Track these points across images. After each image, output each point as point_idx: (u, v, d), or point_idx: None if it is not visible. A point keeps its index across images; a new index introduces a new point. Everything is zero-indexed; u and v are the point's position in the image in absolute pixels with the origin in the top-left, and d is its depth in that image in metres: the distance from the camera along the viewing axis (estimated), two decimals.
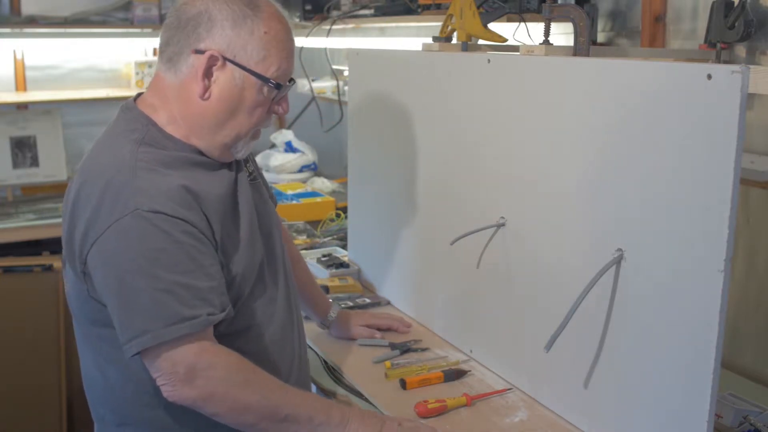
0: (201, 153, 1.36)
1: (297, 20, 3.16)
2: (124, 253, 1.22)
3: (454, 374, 1.65)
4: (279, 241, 1.52)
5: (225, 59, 1.31)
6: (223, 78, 1.32)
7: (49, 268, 3.02)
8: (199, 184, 1.30)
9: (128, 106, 1.39)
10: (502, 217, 1.62)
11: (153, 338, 1.21)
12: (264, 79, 1.33)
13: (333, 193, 3.22)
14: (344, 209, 2.64)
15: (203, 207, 1.28)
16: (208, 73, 1.31)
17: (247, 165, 1.49)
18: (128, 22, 3.71)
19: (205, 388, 1.24)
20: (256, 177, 1.51)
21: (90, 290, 1.29)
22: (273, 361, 1.41)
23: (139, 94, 1.42)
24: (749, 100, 1.40)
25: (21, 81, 3.67)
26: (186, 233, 1.24)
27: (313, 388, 1.68)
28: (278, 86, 1.34)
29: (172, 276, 1.22)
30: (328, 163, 3.61)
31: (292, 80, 1.40)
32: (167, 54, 1.35)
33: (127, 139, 1.31)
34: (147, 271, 1.21)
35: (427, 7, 2.39)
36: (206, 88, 1.32)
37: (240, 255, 1.35)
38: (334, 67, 3.23)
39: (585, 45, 1.53)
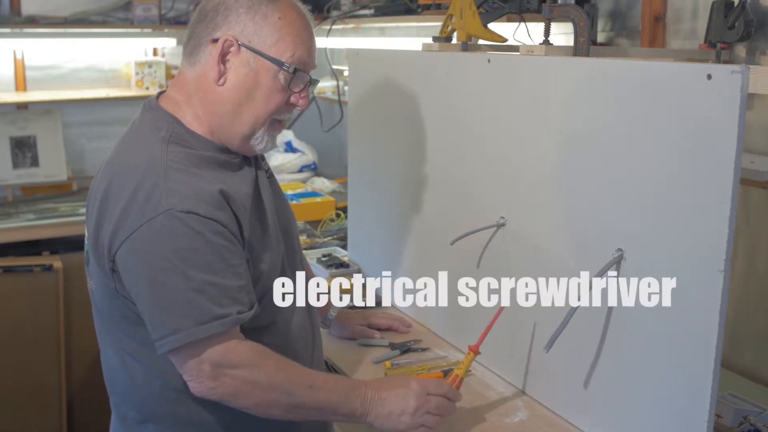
0: (225, 151, 1.38)
1: None
2: (157, 253, 1.23)
3: None
4: (296, 237, 1.55)
5: (239, 44, 1.33)
6: (238, 63, 1.34)
7: (49, 268, 3.01)
8: (228, 184, 1.31)
9: (151, 104, 1.40)
10: (502, 217, 1.62)
11: (186, 336, 1.22)
12: (277, 63, 1.34)
13: (333, 193, 3.22)
14: (344, 209, 2.64)
15: (233, 207, 1.29)
16: (223, 59, 1.34)
17: (264, 163, 1.50)
18: (128, 22, 3.70)
19: (230, 387, 1.26)
20: (272, 174, 1.53)
21: (118, 287, 1.29)
22: (295, 354, 1.41)
23: (161, 92, 1.43)
24: (749, 100, 1.40)
25: (21, 81, 3.66)
26: (217, 233, 1.25)
27: None
28: (294, 71, 1.35)
29: (204, 275, 1.23)
30: (328, 163, 3.61)
31: (314, 80, 1.40)
32: (189, 48, 1.38)
33: (154, 138, 1.32)
34: (180, 271, 1.22)
35: (427, 7, 2.39)
36: (221, 73, 1.34)
37: (266, 252, 1.37)
38: (334, 67, 3.23)
39: (585, 45, 1.53)
